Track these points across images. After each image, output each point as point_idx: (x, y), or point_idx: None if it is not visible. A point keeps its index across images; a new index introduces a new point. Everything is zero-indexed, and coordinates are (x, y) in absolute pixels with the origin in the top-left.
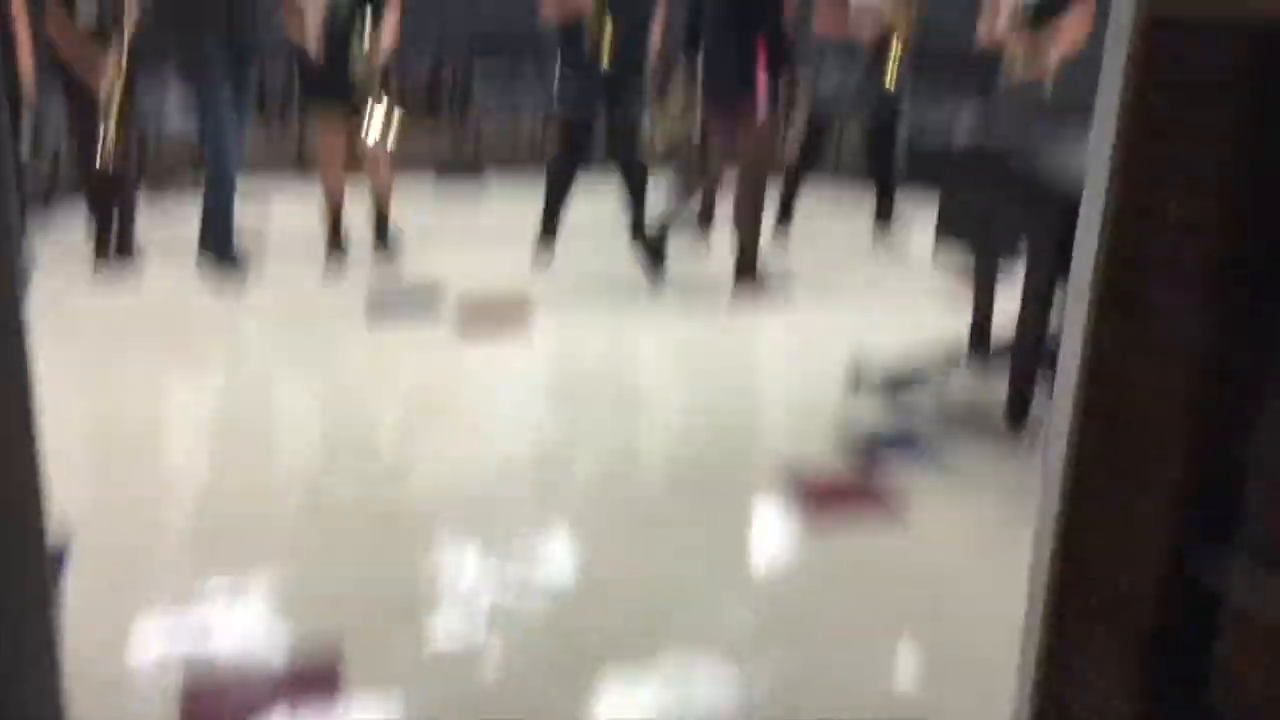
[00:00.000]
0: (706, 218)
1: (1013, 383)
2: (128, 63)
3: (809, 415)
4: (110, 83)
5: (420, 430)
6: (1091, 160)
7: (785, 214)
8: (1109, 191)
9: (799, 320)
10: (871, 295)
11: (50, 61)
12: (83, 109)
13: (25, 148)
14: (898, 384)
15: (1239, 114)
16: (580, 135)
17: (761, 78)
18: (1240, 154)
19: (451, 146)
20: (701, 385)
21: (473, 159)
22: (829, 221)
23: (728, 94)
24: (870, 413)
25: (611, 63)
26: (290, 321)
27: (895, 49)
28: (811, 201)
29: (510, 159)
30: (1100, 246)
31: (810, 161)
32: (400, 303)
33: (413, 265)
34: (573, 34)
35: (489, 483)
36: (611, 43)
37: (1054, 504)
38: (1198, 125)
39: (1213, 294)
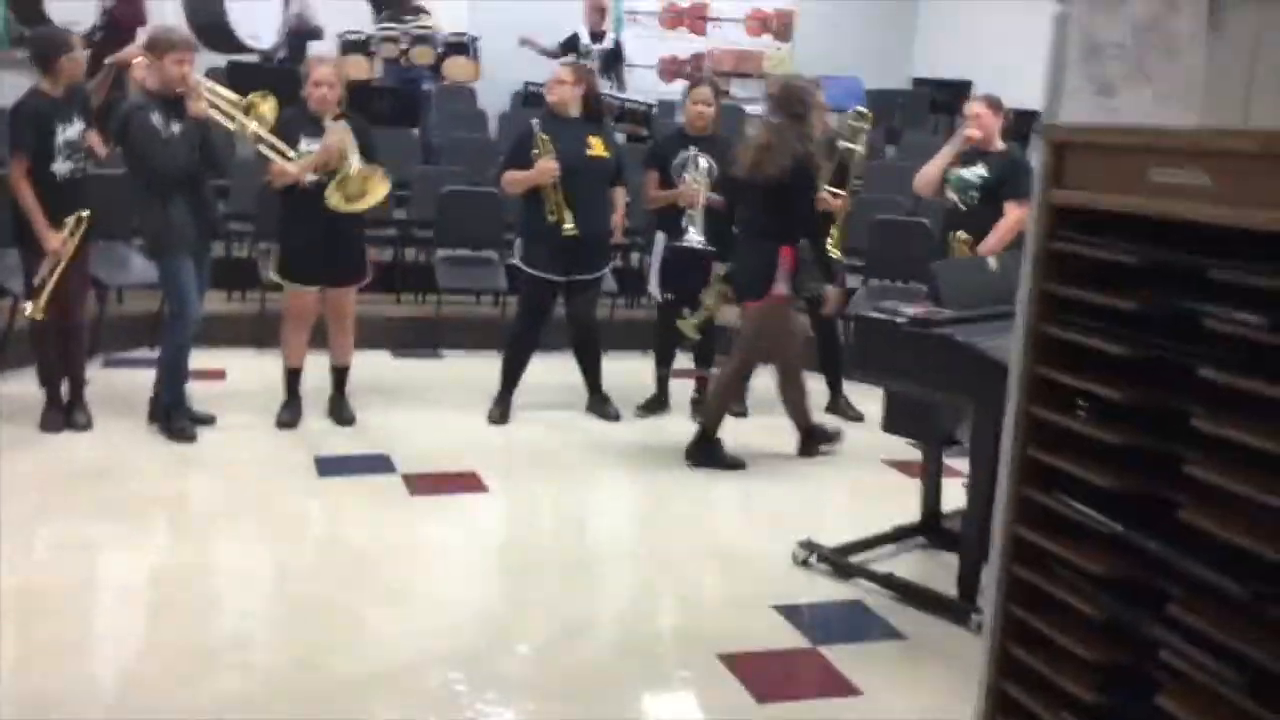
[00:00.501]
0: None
1: (963, 558)
2: (84, 222)
3: (759, 587)
4: (63, 235)
5: (364, 592)
6: (1013, 339)
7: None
8: (1023, 370)
9: (751, 487)
10: (823, 472)
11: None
12: (38, 259)
13: None
14: (848, 558)
15: (1140, 298)
16: (547, 302)
17: (780, 286)
18: (1141, 334)
19: (411, 323)
20: (651, 553)
21: (431, 335)
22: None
23: (750, 295)
24: (820, 586)
25: (571, 232)
26: (239, 477)
27: (838, 216)
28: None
29: (468, 339)
30: (1017, 424)
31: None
32: (352, 459)
33: (367, 423)
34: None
35: (432, 651)
36: (570, 212)
37: (988, 677)
38: (1099, 307)
39: (1123, 473)
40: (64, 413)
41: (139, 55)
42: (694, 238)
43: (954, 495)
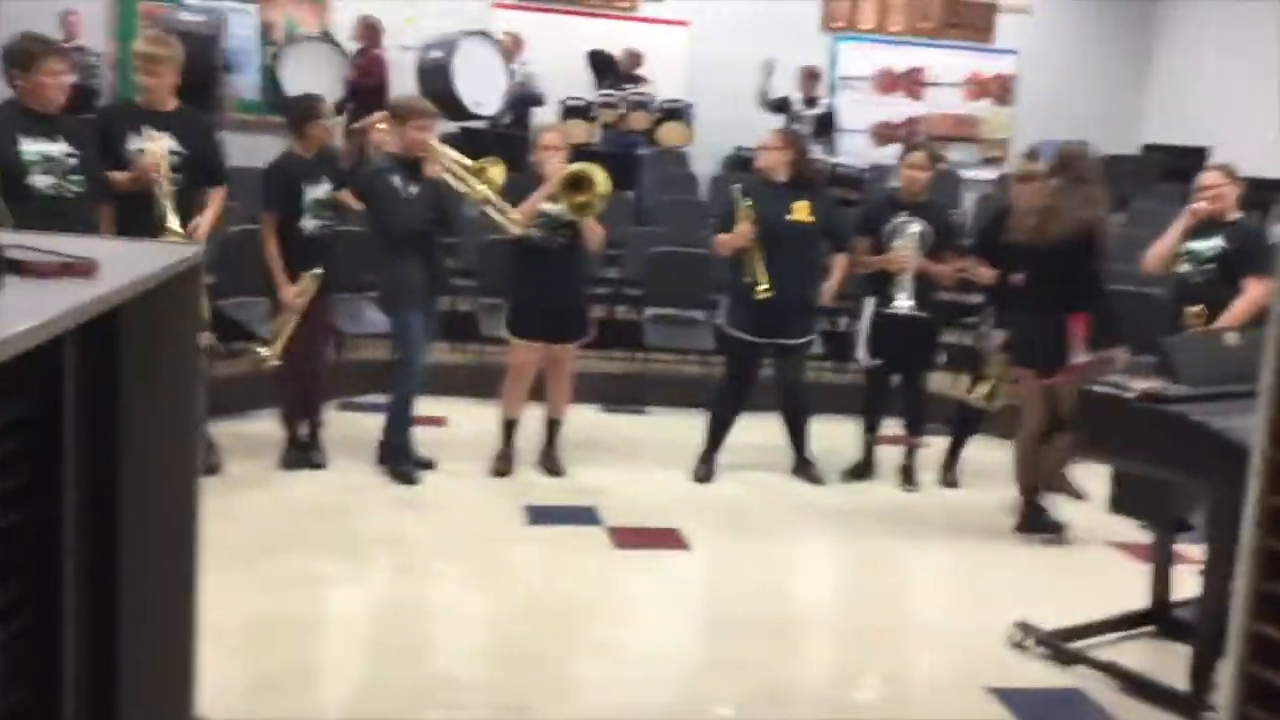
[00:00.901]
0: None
1: (1197, 651)
2: (317, 279)
3: (970, 667)
4: (297, 288)
5: (568, 640)
6: (1255, 421)
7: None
8: (1265, 455)
9: (963, 561)
10: (1041, 551)
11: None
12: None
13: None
14: (1067, 643)
15: None
16: (750, 363)
17: (1079, 356)
18: None
19: (619, 379)
20: (856, 622)
21: (638, 392)
22: (999, 466)
23: (1044, 365)
24: (1036, 671)
25: (764, 295)
26: (456, 521)
27: None
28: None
29: (674, 396)
30: (1258, 513)
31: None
32: (560, 510)
33: (575, 475)
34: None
35: (635, 704)
36: (765, 275)
37: None
38: None
39: None
40: (302, 451)
41: (380, 122)
42: (903, 303)
43: (1185, 582)
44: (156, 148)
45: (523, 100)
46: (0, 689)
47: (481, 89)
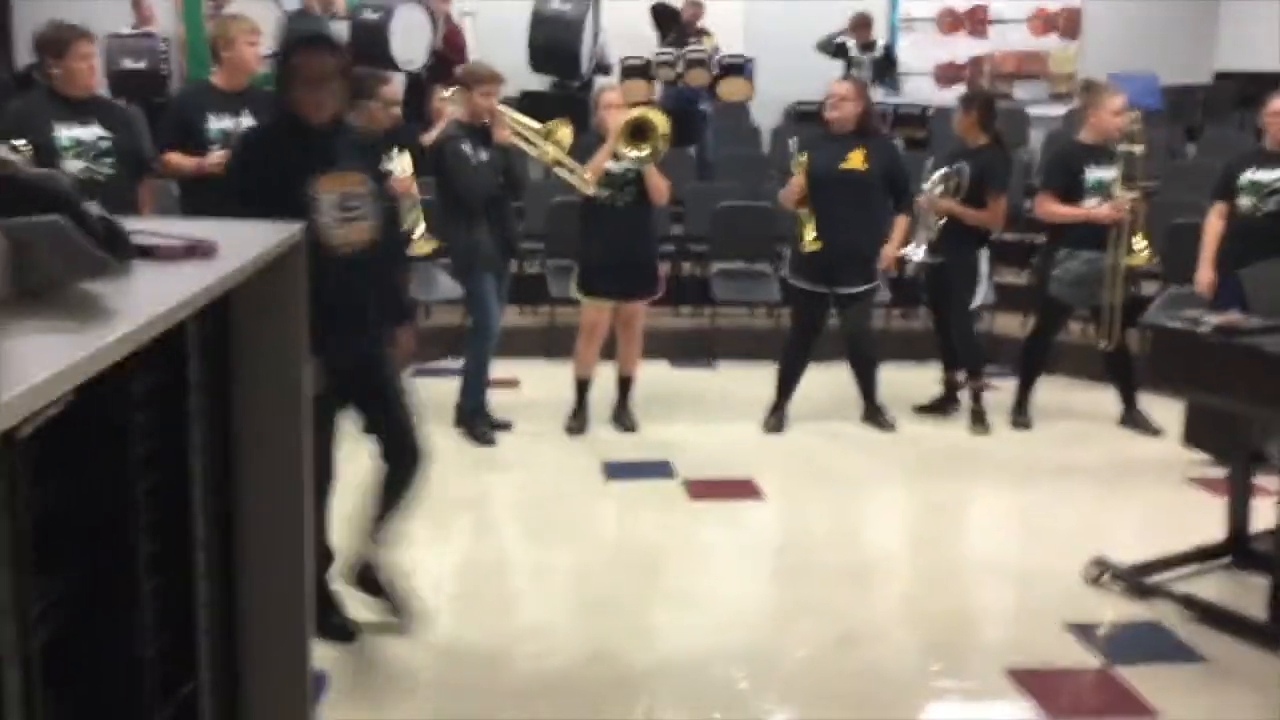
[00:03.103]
0: None
1: (1274, 584)
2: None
3: (1047, 603)
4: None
5: (650, 590)
6: None
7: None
8: None
9: (1036, 501)
10: (1117, 488)
11: None
12: None
13: None
14: (1144, 578)
15: None
16: (816, 313)
17: None
18: None
19: (688, 334)
20: (931, 564)
21: (707, 346)
22: (1070, 405)
23: None
24: (1114, 605)
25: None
26: (534, 479)
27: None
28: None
29: (742, 349)
30: None
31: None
32: (635, 465)
33: (648, 431)
34: None
35: (715, 650)
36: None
37: None
38: None
39: None
40: None
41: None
42: (915, 252)
43: (1262, 514)
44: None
45: (597, 68)
46: (152, 634)
47: (411, 47)
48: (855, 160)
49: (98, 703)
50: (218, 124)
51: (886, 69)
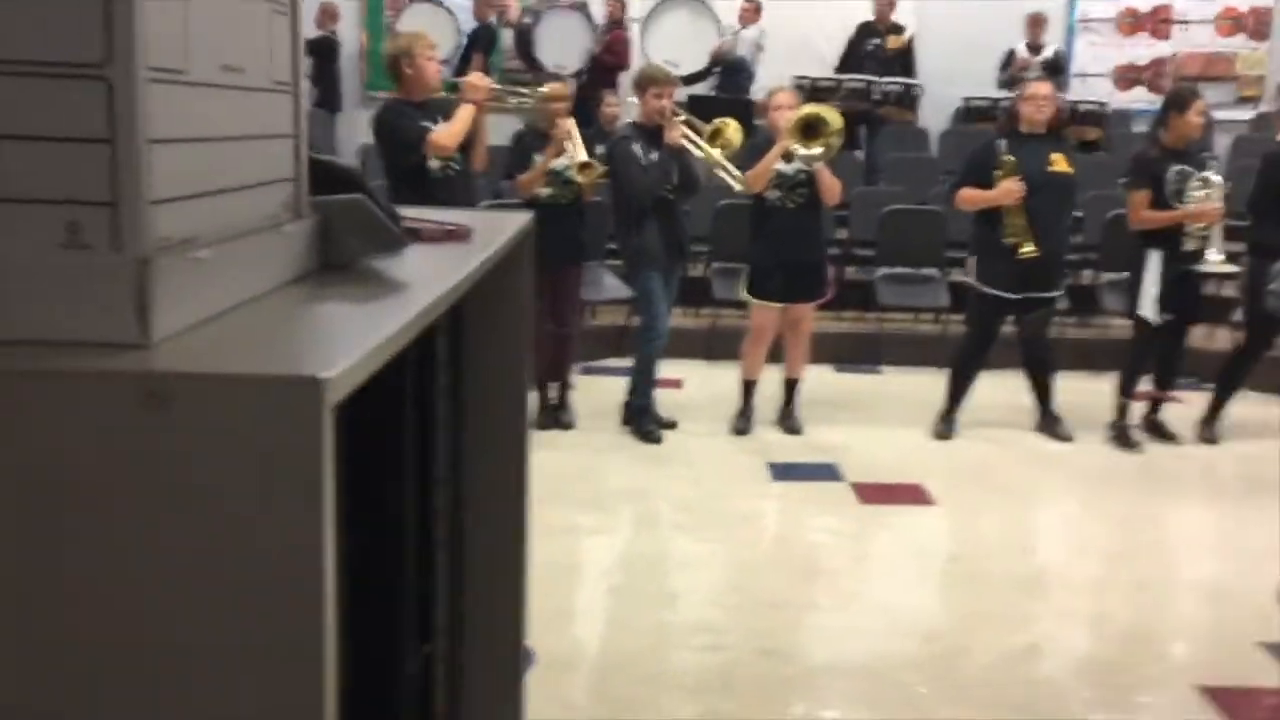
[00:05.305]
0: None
1: None
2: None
3: (1241, 623)
4: None
5: (817, 591)
6: None
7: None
8: None
9: (1225, 517)
10: None
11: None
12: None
13: None
14: None
15: None
16: (998, 320)
17: None
18: None
19: (853, 338)
20: (1113, 578)
21: (872, 351)
22: (1257, 420)
23: None
24: None
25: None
26: (701, 477)
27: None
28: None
29: (908, 355)
30: None
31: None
32: (801, 466)
33: (813, 434)
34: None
35: (886, 654)
36: (1030, 233)
37: None
38: None
39: None
40: (553, 413)
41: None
42: (1215, 258)
43: None
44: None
45: (736, 67)
46: (410, 589)
47: (563, 51)
48: (1061, 163)
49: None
50: None
51: (1055, 73)
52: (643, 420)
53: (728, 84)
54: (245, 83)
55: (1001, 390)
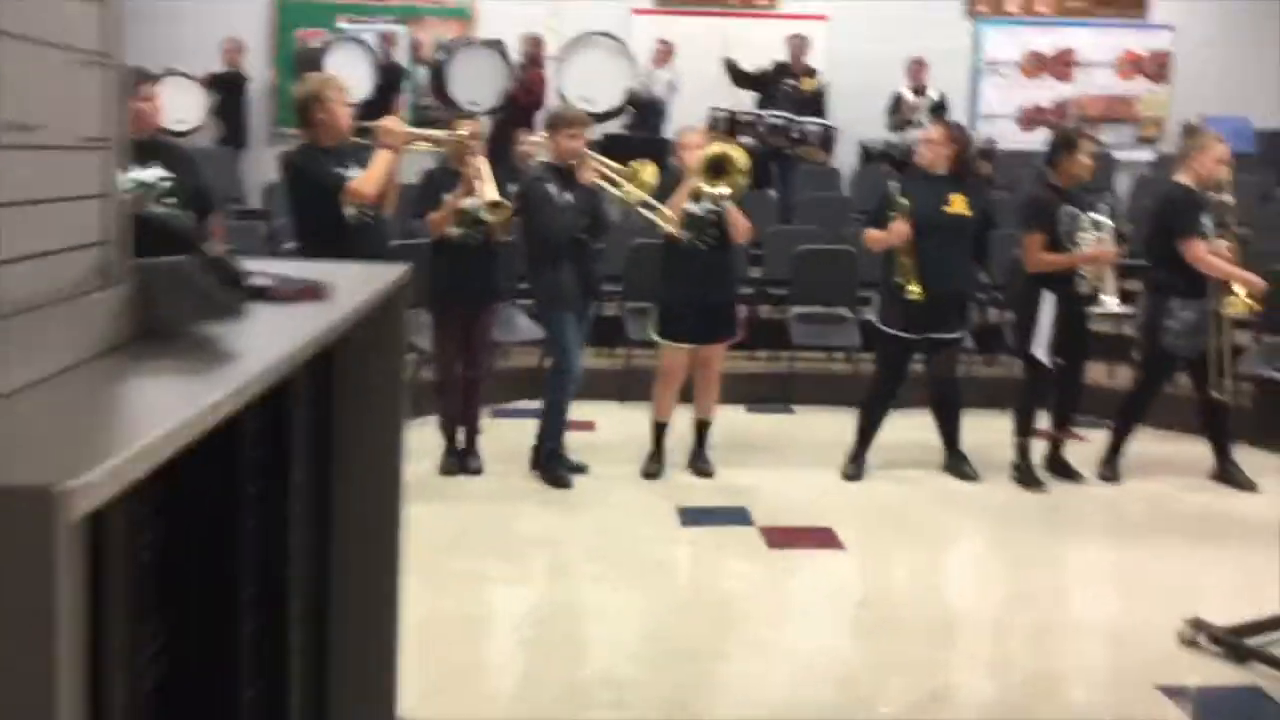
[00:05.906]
0: None
1: None
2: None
3: (1140, 665)
4: None
5: (728, 640)
6: None
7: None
8: None
9: (1127, 557)
10: (1209, 545)
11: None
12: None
13: None
14: (1242, 640)
15: None
16: (904, 360)
17: None
18: None
19: (765, 378)
20: (1019, 621)
21: (784, 390)
22: (1159, 458)
23: None
24: (1210, 669)
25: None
26: (610, 523)
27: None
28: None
29: (820, 394)
30: None
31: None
32: (712, 511)
33: (725, 476)
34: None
35: (798, 704)
36: (916, 275)
37: None
38: None
39: None
40: (460, 458)
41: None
42: (1112, 301)
43: None
44: None
45: (650, 107)
46: (246, 681)
47: (476, 89)
48: (959, 205)
49: None
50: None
51: (940, 111)
52: (552, 464)
53: (643, 123)
54: (42, 140)
55: (912, 429)
